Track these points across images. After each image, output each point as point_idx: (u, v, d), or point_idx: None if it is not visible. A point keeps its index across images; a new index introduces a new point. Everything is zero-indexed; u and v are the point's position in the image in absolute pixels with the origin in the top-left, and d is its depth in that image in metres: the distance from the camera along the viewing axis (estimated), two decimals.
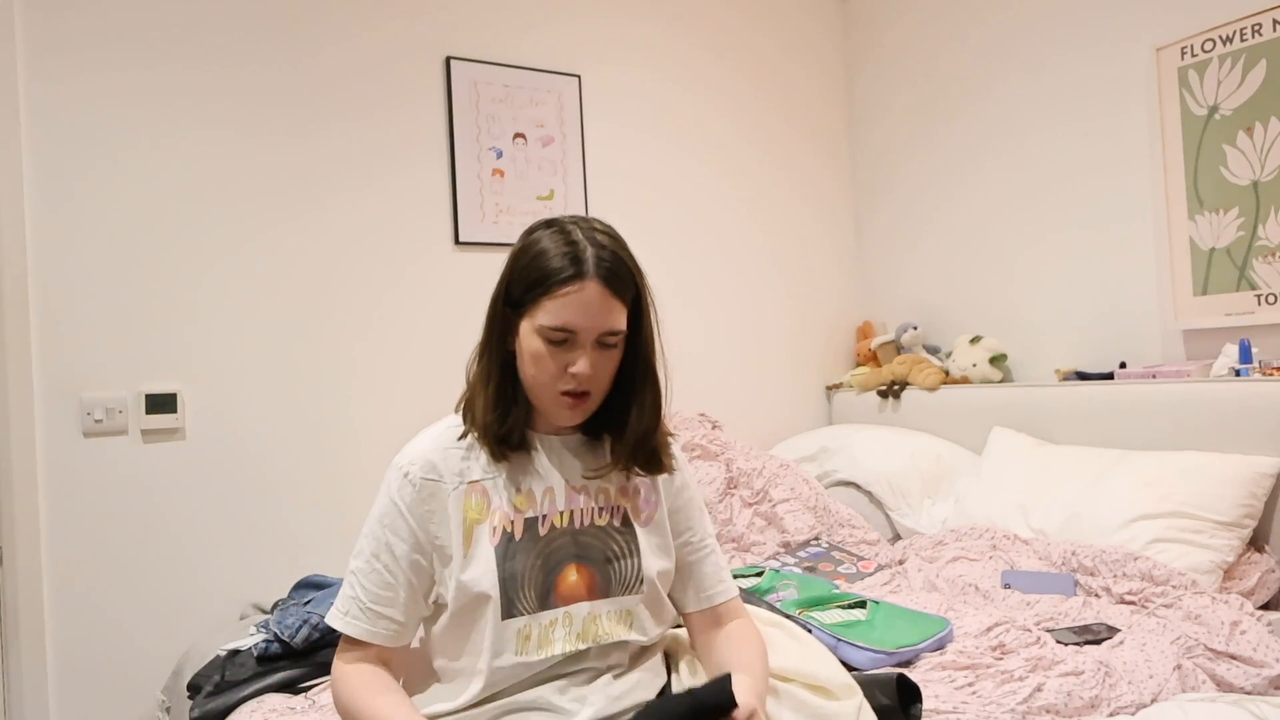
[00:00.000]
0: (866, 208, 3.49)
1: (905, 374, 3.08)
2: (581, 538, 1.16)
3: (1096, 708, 1.49)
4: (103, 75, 2.19)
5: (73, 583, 2.13)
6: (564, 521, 1.16)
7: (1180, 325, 2.47)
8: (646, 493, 1.22)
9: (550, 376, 1.11)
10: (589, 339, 1.10)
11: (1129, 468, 2.24)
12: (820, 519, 2.63)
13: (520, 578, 1.11)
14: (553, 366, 1.10)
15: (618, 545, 1.17)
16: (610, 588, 1.15)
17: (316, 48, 2.46)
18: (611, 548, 1.16)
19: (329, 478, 2.43)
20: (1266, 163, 2.28)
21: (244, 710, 1.61)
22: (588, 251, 1.10)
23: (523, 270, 1.12)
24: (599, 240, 1.12)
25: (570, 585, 1.13)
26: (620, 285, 1.12)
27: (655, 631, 1.19)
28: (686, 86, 3.12)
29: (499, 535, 1.12)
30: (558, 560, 1.14)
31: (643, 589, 1.16)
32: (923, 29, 3.22)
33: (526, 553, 1.12)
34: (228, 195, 2.34)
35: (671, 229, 3.05)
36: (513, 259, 1.15)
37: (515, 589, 1.10)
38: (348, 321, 2.49)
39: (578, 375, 1.10)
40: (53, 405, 2.12)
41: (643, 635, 1.17)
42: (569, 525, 1.16)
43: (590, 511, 1.17)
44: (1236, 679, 1.66)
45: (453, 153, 2.65)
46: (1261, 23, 2.28)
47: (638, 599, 1.16)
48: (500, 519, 1.13)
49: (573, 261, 1.09)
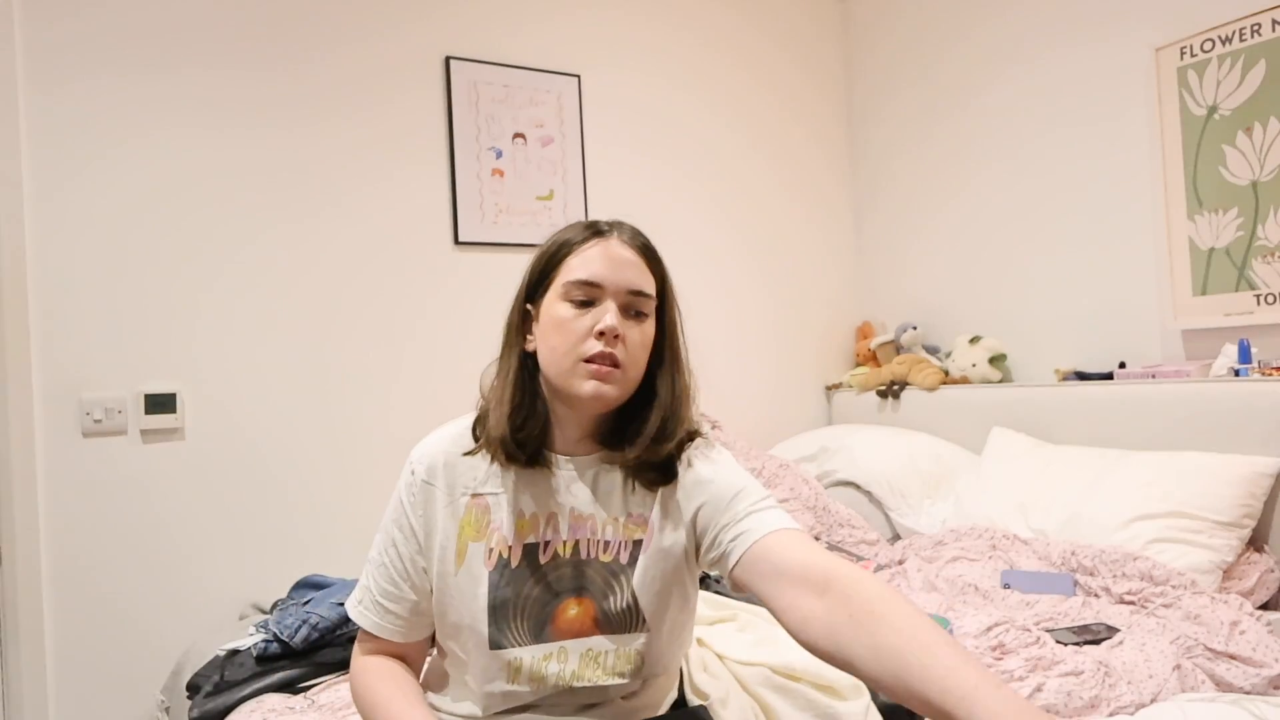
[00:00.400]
0: (866, 207, 3.49)
1: (905, 374, 3.08)
2: (586, 569, 1.06)
3: (1096, 708, 1.49)
4: (102, 77, 2.19)
5: (72, 582, 2.13)
6: (567, 551, 1.06)
7: (1180, 325, 2.47)
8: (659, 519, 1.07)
9: (576, 339, 1.01)
10: (617, 297, 1.03)
11: (1128, 468, 2.24)
12: (820, 519, 2.63)
13: (513, 608, 1.04)
14: (578, 328, 1.01)
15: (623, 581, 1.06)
16: (614, 624, 1.05)
17: (316, 48, 2.46)
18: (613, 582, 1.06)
19: (328, 477, 2.43)
20: (1266, 163, 2.28)
21: (243, 710, 1.61)
22: (606, 223, 1.09)
23: (542, 255, 1.08)
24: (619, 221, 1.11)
25: (569, 620, 1.04)
26: (647, 252, 1.08)
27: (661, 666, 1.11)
28: (686, 86, 3.12)
29: (494, 560, 1.05)
30: (557, 591, 1.05)
31: (647, 627, 1.06)
32: (922, 28, 3.22)
33: (522, 581, 1.04)
34: (227, 196, 2.34)
35: (672, 228, 3.05)
36: (532, 259, 1.11)
37: (506, 619, 1.03)
38: (347, 321, 2.49)
39: (606, 332, 1.00)
40: (52, 405, 2.12)
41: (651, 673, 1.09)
42: (573, 556, 1.06)
43: (598, 545, 1.06)
44: (1236, 679, 1.66)
45: (452, 153, 2.65)
46: (1261, 23, 2.28)
47: (643, 637, 1.06)
48: (498, 541, 1.05)
49: (591, 229, 1.08)
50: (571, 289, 1.03)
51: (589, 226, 1.08)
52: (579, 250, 1.05)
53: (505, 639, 1.03)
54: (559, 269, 1.05)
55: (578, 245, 1.05)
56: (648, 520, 1.07)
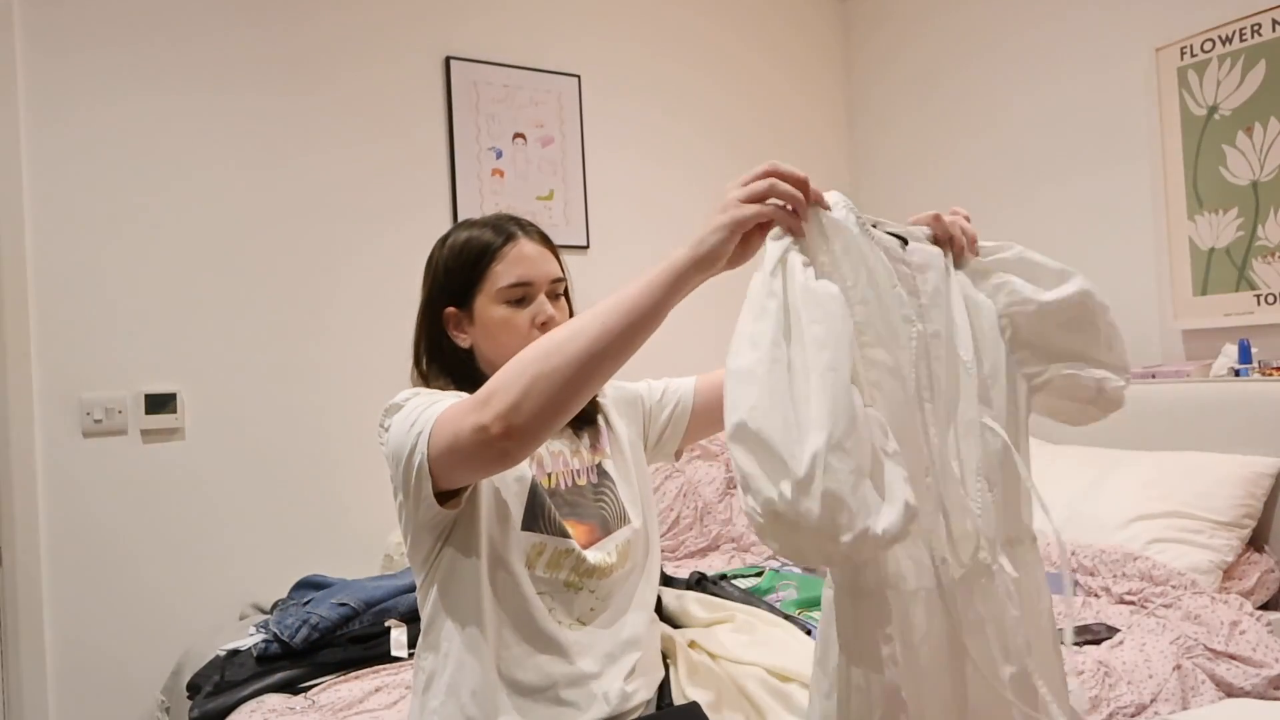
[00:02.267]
0: (866, 208, 3.48)
1: None
2: (569, 497, 1.19)
3: (1096, 708, 1.49)
4: (102, 78, 2.19)
5: (72, 583, 2.13)
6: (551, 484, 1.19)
7: (1180, 325, 2.47)
8: (608, 435, 1.27)
9: (523, 335, 1.14)
10: (543, 289, 1.17)
11: (1129, 468, 2.24)
12: None
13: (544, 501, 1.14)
14: (522, 324, 1.15)
15: (603, 493, 1.22)
16: (609, 528, 1.20)
17: (316, 48, 2.46)
18: (600, 498, 1.22)
19: (328, 478, 2.43)
20: (1266, 163, 2.28)
21: (243, 710, 1.61)
22: (508, 222, 1.20)
23: (455, 261, 1.18)
24: (507, 215, 1.22)
25: (580, 532, 1.17)
26: (547, 240, 1.22)
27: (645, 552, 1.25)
28: (687, 86, 3.12)
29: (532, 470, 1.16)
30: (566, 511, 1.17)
31: (631, 521, 1.22)
32: (920, 25, 3.22)
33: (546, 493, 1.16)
34: (227, 195, 2.34)
35: (671, 228, 3.05)
36: (436, 264, 1.20)
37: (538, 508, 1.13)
38: (347, 321, 2.49)
39: (547, 322, 1.15)
40: (52, 405, 2.12)
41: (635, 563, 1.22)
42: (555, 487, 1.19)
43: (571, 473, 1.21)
44: (1236, 679, 1.66)
45: (452, 153, 2.65)
46: (1261, 23, 2.28)
47: (631, 528, 1.21)
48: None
49: (500, 231, 1.18)
50: (507, 292, 1.16)
51: (496, 230, 1.18)
52: (500, 258, 1.16)
53: (536, 525, 1.13)
54: (486, 275, 1.16)
55: (497, 252, 1.17)
56: (599, 444, 1.25)
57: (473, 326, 1.18)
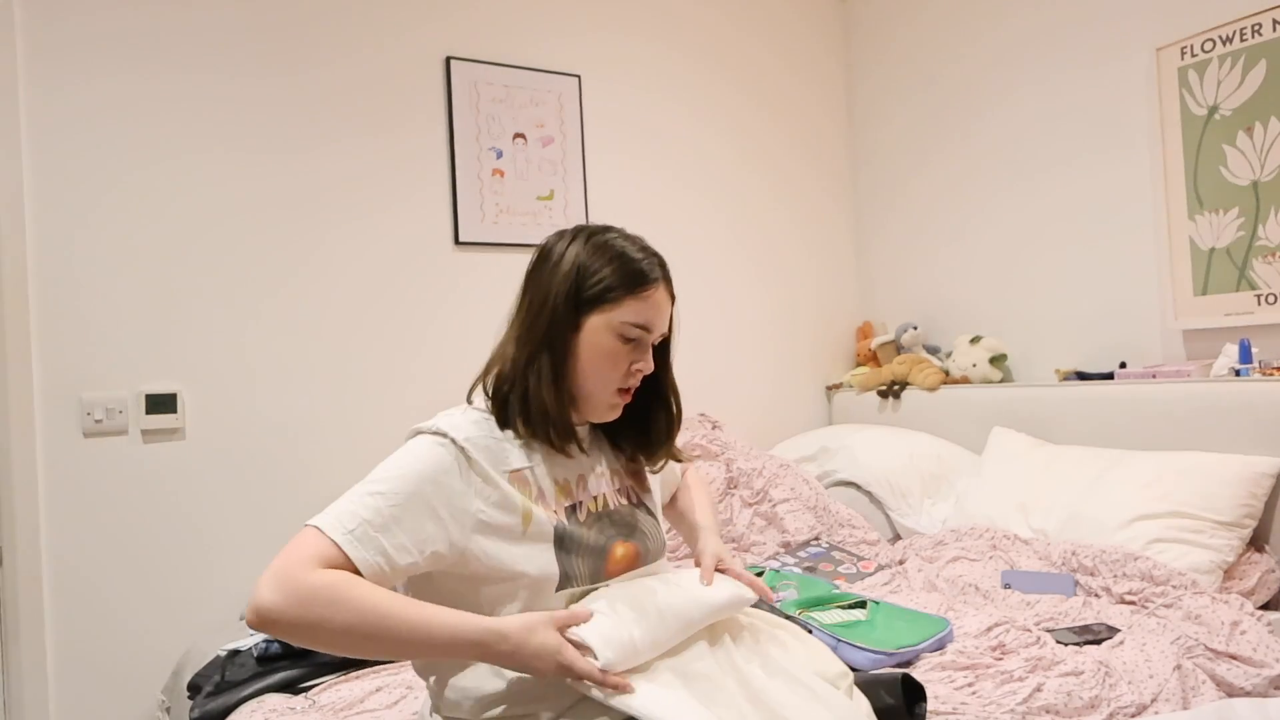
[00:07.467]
0: (866, 207, 3.49)
1: (905, 374, 3.08)
2: (615, 518, 1.21)
3: (1096, 708, 1.49)
4: (103, 79, 2.19)
5: (73, 583, 2.13)
6: (597, 506, 1.20)
7: (1180, 325, 2.47)
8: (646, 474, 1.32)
9: (619, 375, 1.16)
10: (653, 340, 1.18)
11: (1129, 468, 2.24)
12: (820, 519, 2.63)
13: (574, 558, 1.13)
14: (624, 364, 1.16)
15: (640, 518, 1.24)
16: (649, 556, 1.23)
17: (316, 50, 2.46)
18: (638, 523, 1.23)
19: (329, 478, 2.43)
20: (1266, 163, 2.28)
21: (244, 710, 1.61)
22: (656, 261, 1.19)
23: (604, 268, 1.15)
24: (664, 262, 1.22)
25: (618, 560, 1.17)
26: (673, 294, 1.22)
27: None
28: (687, 87, 3.12)
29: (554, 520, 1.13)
30: (606, 538, 1.17)
31: (665, 550, 1.28)
32: (923, 30, 3.22)
33: (576, 537, 1.15)
34: (226, 195, 2.34)
35: (671, 228, 3.05)
36: (589, 257, 1.16)
37: (570, 567, 1.13)
38: (347, 321, 2.49)
39: (641, 373, 1.17)
40: (53, 405, 2.12)
41: None
42: (603, 509, 1.20)
43: (611, 496, 1.23)
44: (1237, 679, 1.66)
45: (452, 152, 2.65)
46: (1261, 23, 2.28)
47: (664, 560, 1.27)
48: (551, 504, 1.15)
49: (651, 265, 1.18)
50: (628, 329, 1.15)
51: (648, 262, 1.18)
52: (640, 294, 1.15)
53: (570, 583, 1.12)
54: (619, 304, 1.15)
55: (641, 288, 1.15)
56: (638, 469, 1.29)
57: (578, 338, 1.15)
